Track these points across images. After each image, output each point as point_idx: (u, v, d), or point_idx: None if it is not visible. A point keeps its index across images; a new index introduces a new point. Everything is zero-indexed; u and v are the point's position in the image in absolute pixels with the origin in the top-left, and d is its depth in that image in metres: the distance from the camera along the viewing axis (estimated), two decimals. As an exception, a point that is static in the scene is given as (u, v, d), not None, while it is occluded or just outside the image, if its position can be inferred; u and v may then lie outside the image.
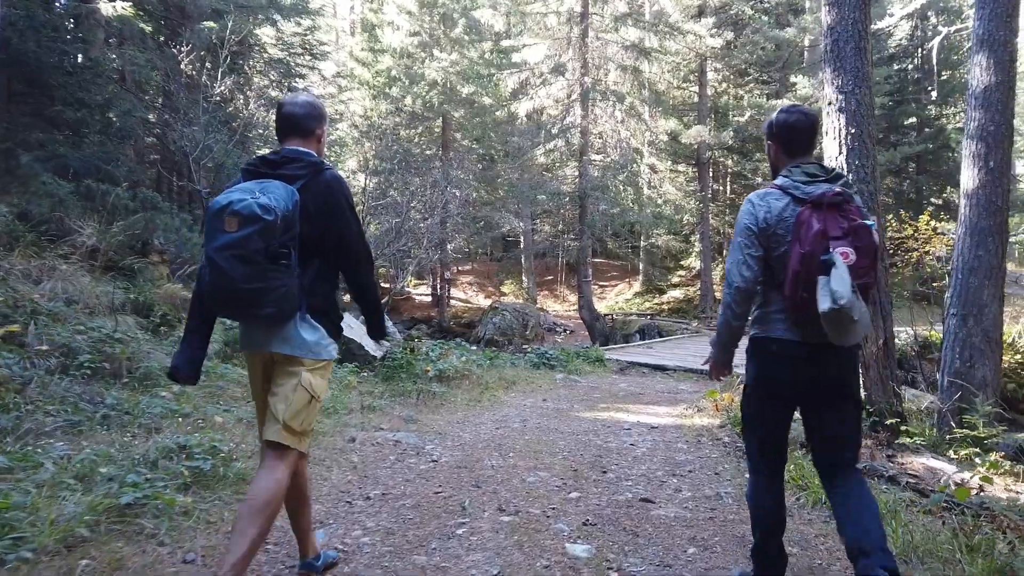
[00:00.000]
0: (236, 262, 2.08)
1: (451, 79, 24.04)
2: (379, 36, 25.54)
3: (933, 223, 12.25)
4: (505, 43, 22.29)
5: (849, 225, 2.23)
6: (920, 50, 26.79)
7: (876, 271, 2.33)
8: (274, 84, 15.70)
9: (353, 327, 10.19)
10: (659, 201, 19.62)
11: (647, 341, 15.01)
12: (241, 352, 2.54)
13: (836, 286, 2.12)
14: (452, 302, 30.36)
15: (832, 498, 2.39)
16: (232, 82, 10.85)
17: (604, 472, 4.54)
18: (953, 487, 3.91)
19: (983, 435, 5.23)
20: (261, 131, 12.24)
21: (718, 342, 2.52)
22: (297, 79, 17.74)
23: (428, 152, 24.42)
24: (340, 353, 8.80)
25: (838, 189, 2.29)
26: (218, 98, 10.81)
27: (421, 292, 34.71)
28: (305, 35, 17.87)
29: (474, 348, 11.57)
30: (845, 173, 6.64)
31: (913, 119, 26.94)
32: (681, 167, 24.66)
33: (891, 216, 11.96)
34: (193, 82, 10.79)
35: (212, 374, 5.88)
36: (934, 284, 10.58)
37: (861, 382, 4.94)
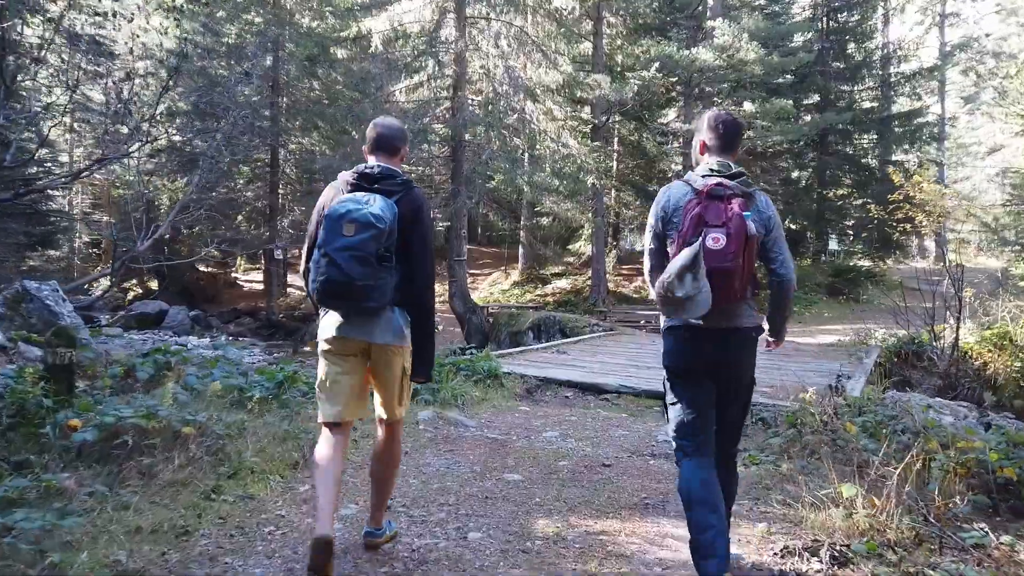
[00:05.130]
0: (353, 262, 2.38)
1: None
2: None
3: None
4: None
5: (729, 215, 2.31)
6: (826, 19, 24.30)
7: (743, 257, 2.34)
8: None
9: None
10: (558, 157, 14.96)
11: (554, 343, 10.29)
12: (335, 339, 2.63)
13: (668, 267, 2.32)
14: (289, 290, 24.28)
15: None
16: None
17: None
18: None
19: None
20: None
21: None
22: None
23: (255, 99, 18.61)
24: None
25: (727, 182, 2.40)
26: None
27: (252, 279, 28.29)
28: None
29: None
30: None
31: (816, 97, 24.46)
32: (585, 115, 20.24)
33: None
34: None
35: None
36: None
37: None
